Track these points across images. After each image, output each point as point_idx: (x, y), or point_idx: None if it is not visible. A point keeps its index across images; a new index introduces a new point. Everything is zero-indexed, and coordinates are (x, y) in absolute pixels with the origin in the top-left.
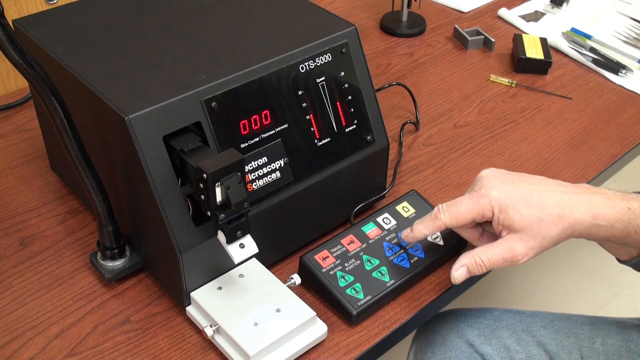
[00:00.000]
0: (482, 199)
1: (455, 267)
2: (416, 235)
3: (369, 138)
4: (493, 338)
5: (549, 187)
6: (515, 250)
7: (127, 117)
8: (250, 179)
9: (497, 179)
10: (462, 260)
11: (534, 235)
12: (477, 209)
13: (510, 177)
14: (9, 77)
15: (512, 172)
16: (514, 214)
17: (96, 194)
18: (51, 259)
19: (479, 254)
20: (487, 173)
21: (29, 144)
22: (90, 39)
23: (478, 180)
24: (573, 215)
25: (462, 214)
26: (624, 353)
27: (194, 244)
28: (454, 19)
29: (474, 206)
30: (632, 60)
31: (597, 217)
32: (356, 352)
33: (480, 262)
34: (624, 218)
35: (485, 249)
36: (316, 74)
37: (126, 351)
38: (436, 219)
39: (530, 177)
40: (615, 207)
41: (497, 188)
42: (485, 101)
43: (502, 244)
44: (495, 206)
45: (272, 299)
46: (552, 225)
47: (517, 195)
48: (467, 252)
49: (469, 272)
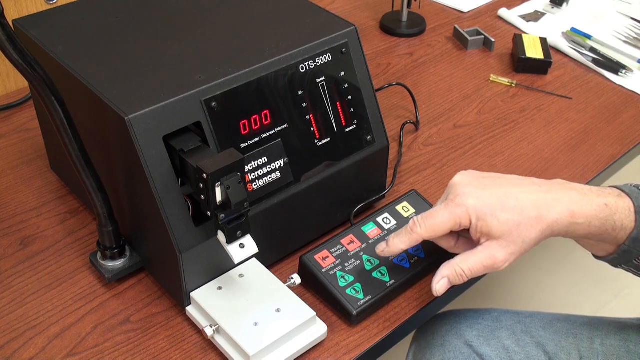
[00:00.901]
0: (458, 208)
1: (436, 279)
2: (392, 250)
3: (369, 138)
4: (492, 339)
5: (524, 188)
6: (495, 257)
7: (127, 117)
8: (250, 179)
9: (470, 185)
10: (442, 271)
11: (513, 240)
12: (453, 219)
13: (484, 182)
14: (9, 77)
15: (484, 173)
16: (492, 221)
17: (96, 194)
18: (51, 259)
19: (459, 263)
20: (460, 179)
21: (29, 144)
22: (90, 39)
23: (451, 187)
24: (551, 216)
25: (439, 226)
26: (623, 353)
27: (194, 244)
28: (454, 19)
29: (450, 216)
30: (632, 60)
31: (575, 215)
32: (356, 352)
33: (460, 272)
34: (601, 215)
35: (465, 258)
36: (316, 74)
37: (126, 351)
38: (412, 232)
39: (503, 177)
40: (592, 204)
41: (472, 195)
42: (485, 101)
43: (481, 251)
44: (473, 215)
45: (272, 299)
46: (531, 228)
47: (493, 200)
48: (447, 263)
49: (450, 282)
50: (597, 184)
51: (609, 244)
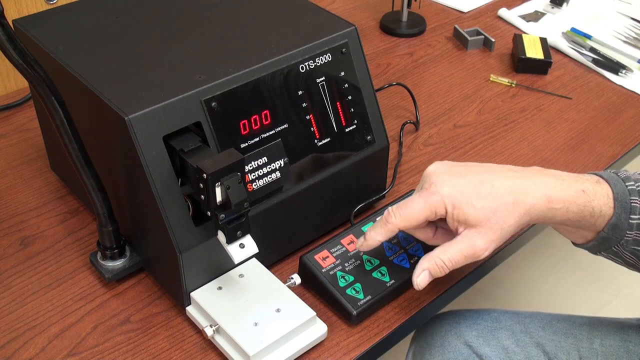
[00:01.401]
0: (433, 196)
1: (417, 272)
2: (370, 243)
3: (369, 138)
4: (491, 339)
5: (499, 175)
6: (475, 245)
7: (127, 117)
8: (250, 179)
9: (445, 173)
10: (422, 264)
11: (491, 227)
12: (429, 207)
13: (459, 170)
14: (9, 77)
15: (459, 163)
16: (468, 209)
17: (96, 194)
18: (51, 259)
19: (439, 255)
20: (435, 168)
21: (29, 144)
22: (90, 39)
23: (426, 176)
24: (527, 201)
25: (414, 215)
26: (622, 354)
27: (194, 244)
28: (454, 19)
29: (425, 205)
30: (632, 60)
31: (552, 201)
32: (356, 352)
33: (441, 263)
34: (579, 201)
35: (445, 249)
36: (316, 74)
37: (126, 351)
38: (388, 222)
39: (479, 165)
40: (570, 189)
41: (447, 183)
42: (485, 101)
43: (460, 241)
44: (448, 202)
45: (272, 299)
46: (508, 214)
47: (469, 188)
48: (426, 255)
49: (431, 275)
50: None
51: (588, 231)
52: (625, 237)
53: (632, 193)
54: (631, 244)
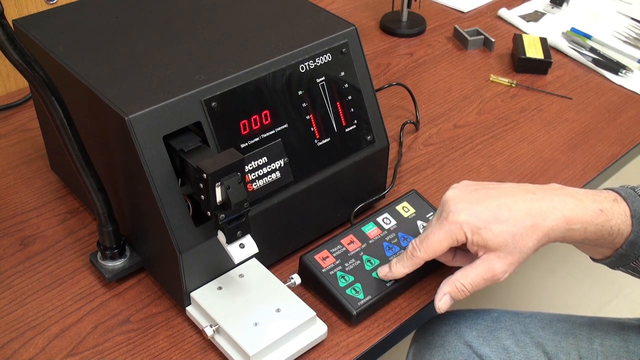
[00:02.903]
0: (452, 225)
1: (438, 296)
2: (395, 275)
3: (369, 138)
4: (492, 339)
5: (517, 198)
6: (494, 269)
7: (127, 117)
8: (250, 179)
9: (463, 200)
10: (443, 288)
11: (510, 251)
12: (449, 237)
13: (477, 195)
14: (9, 77)
15: (477, 185)
16: (486, 234)
17: (96, 194)
18: (51, 259)
19: (459, 279)
20: (452, 195)
21: (29, 144)
22: (90, 39)
23: (444, 204)
24: (546, 224)
25: (437, 245)
26: (622, 354)
27: (194, 244)
28: (454, 19)
29: (446, 235)
30: (632, 60)
31: (570, 222)
32: (356, 352)
33: (462, 287)
34: (597, 221)
35: (465, 273)
36: (316, 74)
37: (126, 351)
38: (413, 256)
39: (496, 188)
40: (588, 210)
41: (464, 211)
42: (485, 101)
43: (480, 265)
44: (467, 230)
45: (272, 299)
46: (527, 237)
47: (486, 214)
48: (447, 280)
49: (452, 298)
50: (597, 183)
51: (606, 248)
52: None
53: None
54: None
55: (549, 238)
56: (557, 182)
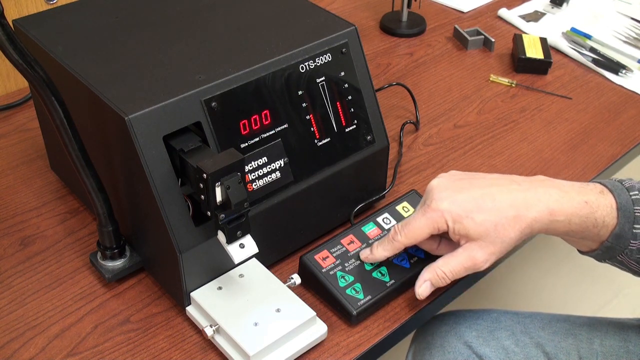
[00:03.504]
0: (434, 212)
1: (419, 282)
2: (376, 257)
3: (369, 138)
4: (491, 339)
5: (502, 188)
6: (475, 258)
7: (127, 117)
8: (250, 179)
9: (447, 188)
10: (424, 275)
11: (492, 240)
12: (430, 224)
13: (461, 184)
14: (9, 77)
15: (463, 174)
16: (468, 223)
17: (96, 194)
18: (51, 259)
19: (440, 266)
20: (437, 183)
21: (29, 144)
22: (90, 39)
23: (428, 192)
24: (529, 214)
25: (417, 231)
26: (622, 354)
27: (194, 244)
28: (454, 19)
29: (427, 222)
30: (632, 60)
31: (554, 214)
32: (356, 352)
33: (442, 274)
34: (581, 213)
35: (446, 260)
36: (316, 74)
37: (126, 351)
38: (394, 240)
39: (482, 178)
40: (572, 202)
41: (447, 199)
42: (485, 101)
43: (461, 253)
44: (449, 218)
45: (272, 299)
46: (509, 227)
47: (469, 202)
48: (428, 267)
49: (433, 285)
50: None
51: (592, 241)
52: (630, 246)
53: (636, 203)
54: (636, 253)
55: (532, 229)
56: None
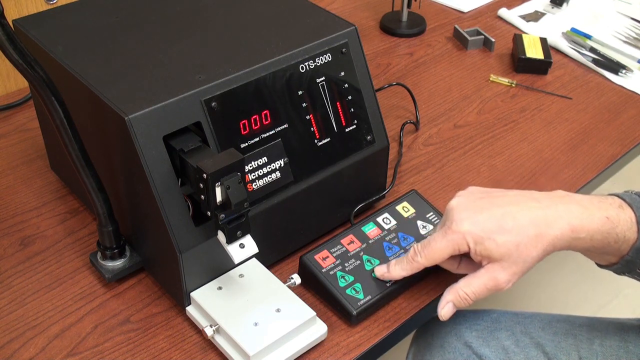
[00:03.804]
0: (455, 235)
1: (441, 304)
2: (393, 275)
3: (369, 138)
4: (491, 340)
5: (522, 206)
6: (497, 279)
7: (127, 117)
8: (250, 179)
9: (467, 209)
10: (447, 296)
11: (514, 261)
12: (451, 246)
13: (481, 204)
14: (9, 77)
15: (482, 192)
16: (490, 245)
17: (96, 194)
18: (51, 259)
19: (462, 288)
20: (457, 203)
21: (29, 144)
22: (90, 39)
23: (448, 212)
24: (552, 232)
25: (437, 253)
26: (622, 354)
27: (194, 244)
28: (454, 19)
29: (448, 244)
30: (632, 60)
31: (576, 231)
32: (356, 352)
33: (464, 296)
34: (603, 229)
35: (468, 281)
36: (316, 74)
37: (126, 351)
38: (413, 261)
39: (502, 196)
40: (594, 218)
41: (467, 220)
42: (485, 101)
43: (484, 274)
44: (470, 240)
45: (272, 299)
46: (531, 247)
47: (490, 223)
48: (450, 288)
49: (455, 306)
50: (597, 183)
51: (612, 256)
52: None
53: None
54: None
55: (554, 247)
56: (557, 182)
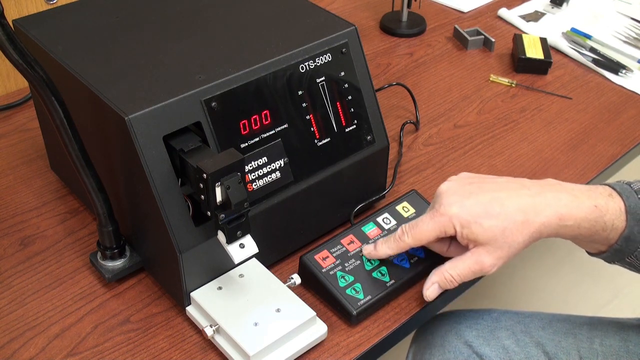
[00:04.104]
0: (442, 217)
1: (427, 285)
2: (380, 254)
3: (369, 138)
4: (492, 339)
5: (511, 192)
6: (483, 262)
7: (127, 117)
8: (250, 179)
9: (456, 193)
10: (432, 278)
11: (499, 245)
12: (438, 228)
13: (470, 189)
14: (9, 77)
15: (473, 178)
16: (476, 228)
17: (96, 194)
18: (51, 259)
19: (448, 269)
20: (446, 187)
21: (29, 144)
22: (90, 39)
23: (438, 196)
24: (538, 219)
25: (424, 234)
26: (622, 354)
27: (194, 244)
28: (454, 19)
29: (434, 226)
30: (632, 60)
31: (563, 218)
32: (356, 352)
33: (450, 277)
34: (591, 217)
35: (454, 264)
36: (316, 74)
37: (126, 351)
38: (400, 240)
39: (492, 182)
40: (582, 206)
41: (456, 204)
42: (485, 101)
43: (469, 257)
44: (456, 223)
45: (272, 299)
46: (517, 232)
47: (477, 208)
48: (436, 269)
49: (440, 288)
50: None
51: (601, 244)
52: (639, 248)
53: None
54: None
55: (540, 234)
56: None
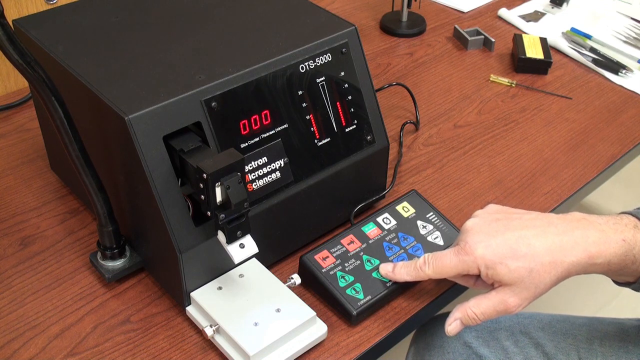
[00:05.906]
0: (467, 256)
1: (449, 320)
2: (397, 278)
3: (369, 138)
4: (491, 340)
5: (538, 231)
6: (507, 302)
7: (127, 117)
8: (250, 179)
9: (481, 232)
10: (455, 314)
11: (526, 286)
12: (461, 266)
13: (496, 226)
14: (9, 77)
15: (500, 212)
16: (501, 269)
17: (96, 194)
18: (51, 259)
19: (472, 307)
20: (472, 224)
21: (29, 144)
22: (90, 39)
23: (463, 233)
24: (567, 260)
25: (446, 269)
26: (622, 354)
27: (194, 244)
28: (454, 19)
29: (458, 264)
30: (632, 60)
31: (593, 257)
32: (356, 352)
33: (473, 315)
34: (620, 252)
35: (478, 302)
36: (316, 74)
37: (126, 351)
38: (420, 270)
39: (518, 219)
40: (610, 242)
41: (481, 244)
42: (485, 101)
43: (494, 296)
44: (481, 264)
45: (272, 299)
46: (545, 273)
47: (504, 248)
48: (460, 305)
49: (463, 324)
50: (597, 184)
51: (629, 276)
52: None
53: None
54: None
55: (569, 273)
56: (557, 181)
